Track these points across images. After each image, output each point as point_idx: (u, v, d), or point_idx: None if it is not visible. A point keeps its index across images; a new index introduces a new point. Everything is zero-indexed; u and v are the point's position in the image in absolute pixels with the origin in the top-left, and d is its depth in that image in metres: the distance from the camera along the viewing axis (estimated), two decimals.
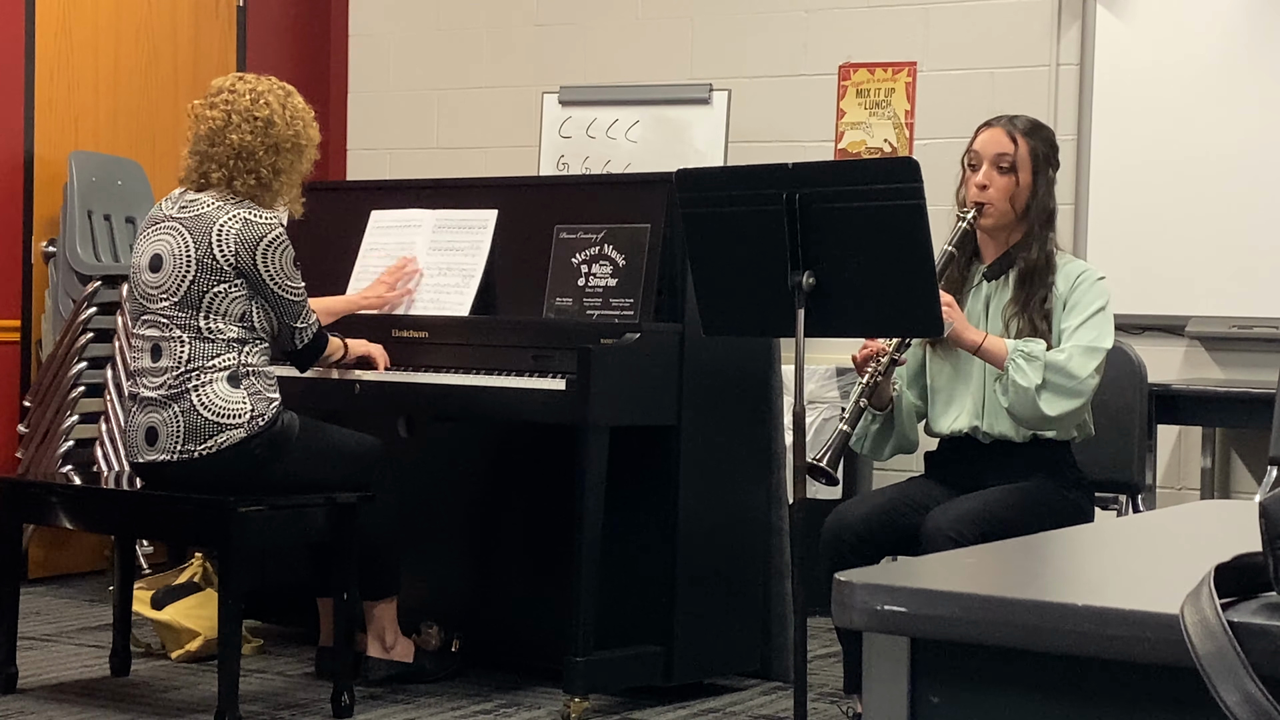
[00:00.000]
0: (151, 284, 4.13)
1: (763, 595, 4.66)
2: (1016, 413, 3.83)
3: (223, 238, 4.07)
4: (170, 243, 4.12)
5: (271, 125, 4.16)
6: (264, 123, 4.16)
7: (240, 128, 4.14)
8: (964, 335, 3.83)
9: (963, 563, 1.77)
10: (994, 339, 3.84)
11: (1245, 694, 1.28)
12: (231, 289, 4.08)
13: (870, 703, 1.54)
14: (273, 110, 4.17)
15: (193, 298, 4.07)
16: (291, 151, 4.20)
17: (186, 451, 4.05)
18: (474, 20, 7.01)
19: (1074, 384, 3.79)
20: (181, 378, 4.06)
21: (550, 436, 4.52)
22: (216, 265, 4.07)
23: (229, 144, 4.14)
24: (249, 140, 4.14)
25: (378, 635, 4.46)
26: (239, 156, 4.14)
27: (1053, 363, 3.78)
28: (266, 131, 4.16)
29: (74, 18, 6.20)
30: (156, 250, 4.14)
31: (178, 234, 4.12)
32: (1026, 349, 3.80)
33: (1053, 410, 3.80)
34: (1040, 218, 3.94)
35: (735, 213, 3.57)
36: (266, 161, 4.16)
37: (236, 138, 4.14)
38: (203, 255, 4.07)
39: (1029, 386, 3.78)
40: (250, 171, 4.14)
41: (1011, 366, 3.80)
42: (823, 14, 6.33)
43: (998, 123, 3.98)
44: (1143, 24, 5.82)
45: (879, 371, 3.83)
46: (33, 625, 5.14)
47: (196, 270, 4.07)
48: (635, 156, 6.22)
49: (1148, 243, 5.77)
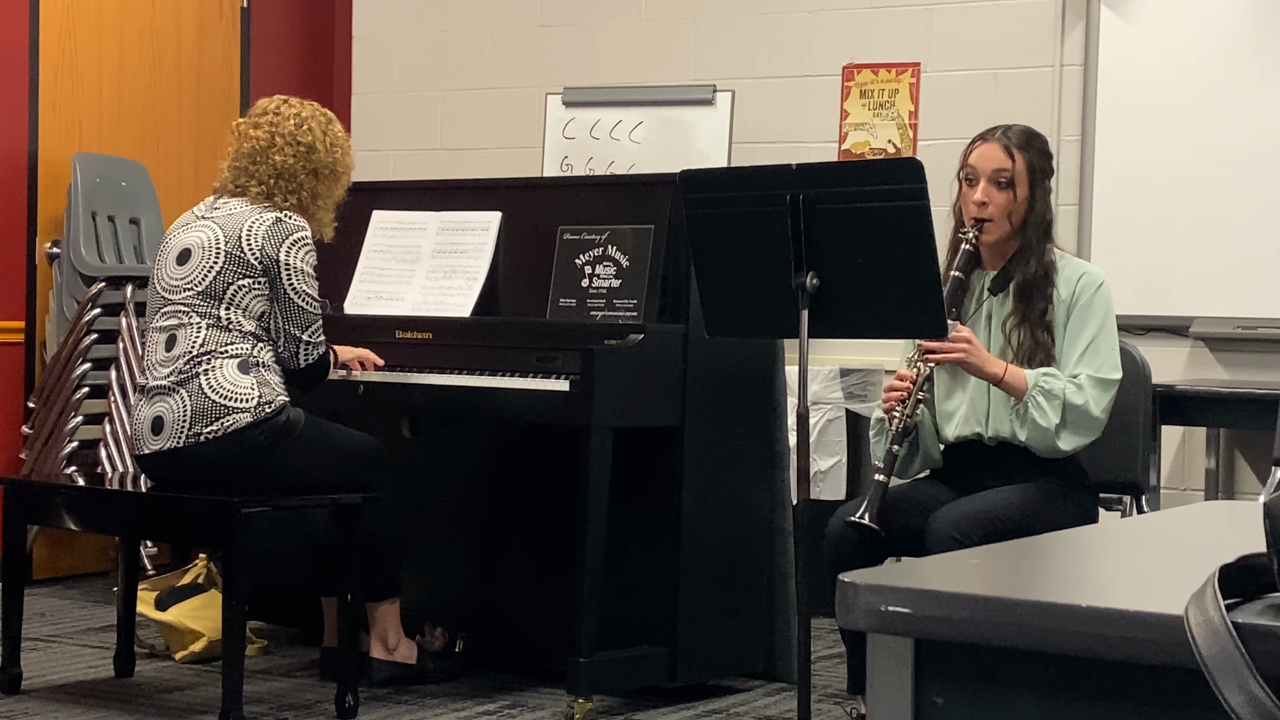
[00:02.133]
0: (176, 276, 4.20)
1: (766, 596, 4.66)
2: (1033, 446, 3.84)
3: (253, 232, 4.16)
4: (201, 236, 4.21)
5: (314, 151, 4.28)
6: (306, 148, 4.27)
7: (284, 150, 4.25)
8: (985, 369, 3.82)
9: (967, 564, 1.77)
10: (1014, 371, 3.82)
11: (1249, 695, 1.28)
12: (255, 285, 4.15)
13: (874, 704, 1.54)
14: (315, 136, 4.29)
15: (216, 289, 4.14)
16: (330, 178, 4.32)
17: (193, 435, 4.07)
18: (477, 21, 7.01)
19: (1090, 421, 3.82)
20: (192, 362, 4.10)
21: (554, 438, 4.52)
22: (244, 259, 4.14)
23: (272, 164, 4.25)
24: (291, 163, 4.25)
25: (380, 636, 4.46)
26: (280, 177, 4.25)
27: (1072, 404, 3.79)
28: (309, 156, 4.27)
29: (78, 19, 6.21)
30: (186, 244, 4.22)
31: (209, 229, 4.21)
32: (1047, 386, 3.79)
33: (1069, 446, 3.84)
34: (1038, 231, 3.93)
35: (739, 214, 3.57)
36: (308, 185, 4.27)
37: (280, 159, 4.25)
38: (231, 248, 4.15)
39: (1048, 427, 3.79)
40: (292, 193, 4.25)
41: (1031, 404, 3.80)
42: (826, 15, 6.33)
43: (993, 137, 3.94)
44: (1147, 25, 5.82)
45: (907, 414, 3.82)
46: (37, 626, 5.15)
47: (224, 262, 4.14)
48: (639, 157, 6.22)
49: (1152, 243, 5.77)
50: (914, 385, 3.82)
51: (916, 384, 3.83)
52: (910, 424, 3.84)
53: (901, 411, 3.82)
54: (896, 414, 3.82)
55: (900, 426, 3.81)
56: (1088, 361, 3.84)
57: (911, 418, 3.84)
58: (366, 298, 4.82)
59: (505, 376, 4.34)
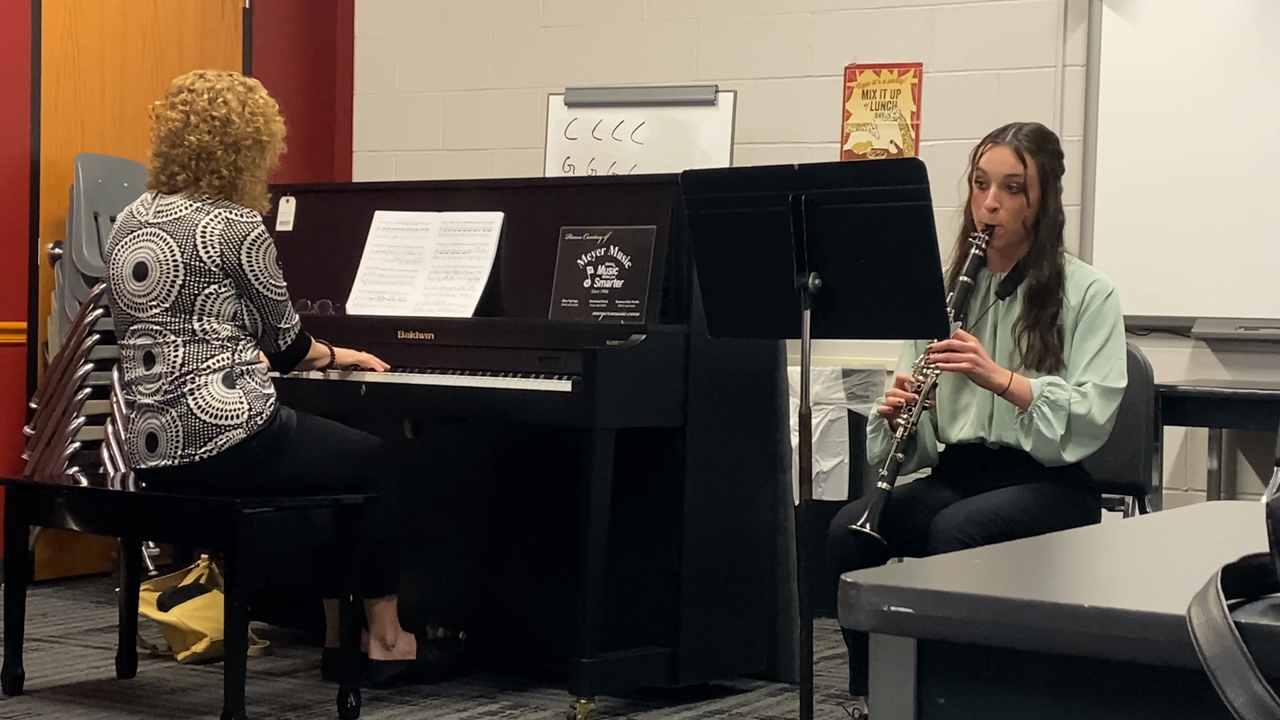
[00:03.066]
0: (138, 293, 4.11)
1: (769, 597, 4.66)
2: (1038, 456, 3.84)
3: (207, 239, 4.06)
4: (154, 249, 4.10)
5: (229, 124, 4.14)
6: (221, 121, 4.13)
7: (198, 128, 4.13)
8: (991, 378, 3.81)
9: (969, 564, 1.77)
10: (1019, 381, 3.81)
11: (1252, 695, 1.28)
12: (222, 289, 4.08)
13: (876, 704, 1.53)
14: (230, 109, 4.15)
15: (184, 302, 4.07)
16: (253, 149, 4.17)
17: (187, 456, 4.05)
18: (480, 22, 7.01)
19: (1095, 430, 3.82)
20: (176, 382, 4.06)
21: (556, 438, 4.52)
22: (204, 267, 4.06)
23: (188, 145, 4.12)
24: (207, 140, 4.12)
25: (379, 635, 4.45)
26: (199, 157, 4.12)
27: (1077, 414, 3.79)
28: (225, 130, 4.13)
29: (80, 20, 6.21)
30: (139, 259, 4.12)
31: (160, 239, 4.11)
32: (1052, 396, 3.79)
33: (1073, 456, 3.84)
34: (1050, 234, 3.91)
35: (741, 214, 3.56)
36: (226, 160, 4.13)
37: (195, 139, 4.12)
38: (189, 259, 4.06)
39: (1053, 438, 3.79)
40: (213, 171, 4.12)
41: (1036, 414, 3.79)
42: (828, 15, 6.33)
43: (1004, 139, 3.89)
44: (1149, 25, 5.82)
45: (912, 421, 3.82)
46: (39, 627, 5.15)
47: (185, 274, 4.06)
48: (641, 158, 6.22)
49: (1154, 244, 5.76)
50: (920, 394, 3.81)
51: (923, 392, 3.82)
52: (914, 430, 3.84)
53: (906, 419, 3.81)
54: (901, 421, 3.81)
55: (905, 434, 3.81)
56: (1095, 370, 3.83)
57: (915, 426, 3.84)
58: (369, 298, 4.82)
59: (507, 377, 4.34)
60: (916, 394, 3.81)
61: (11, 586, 4.35)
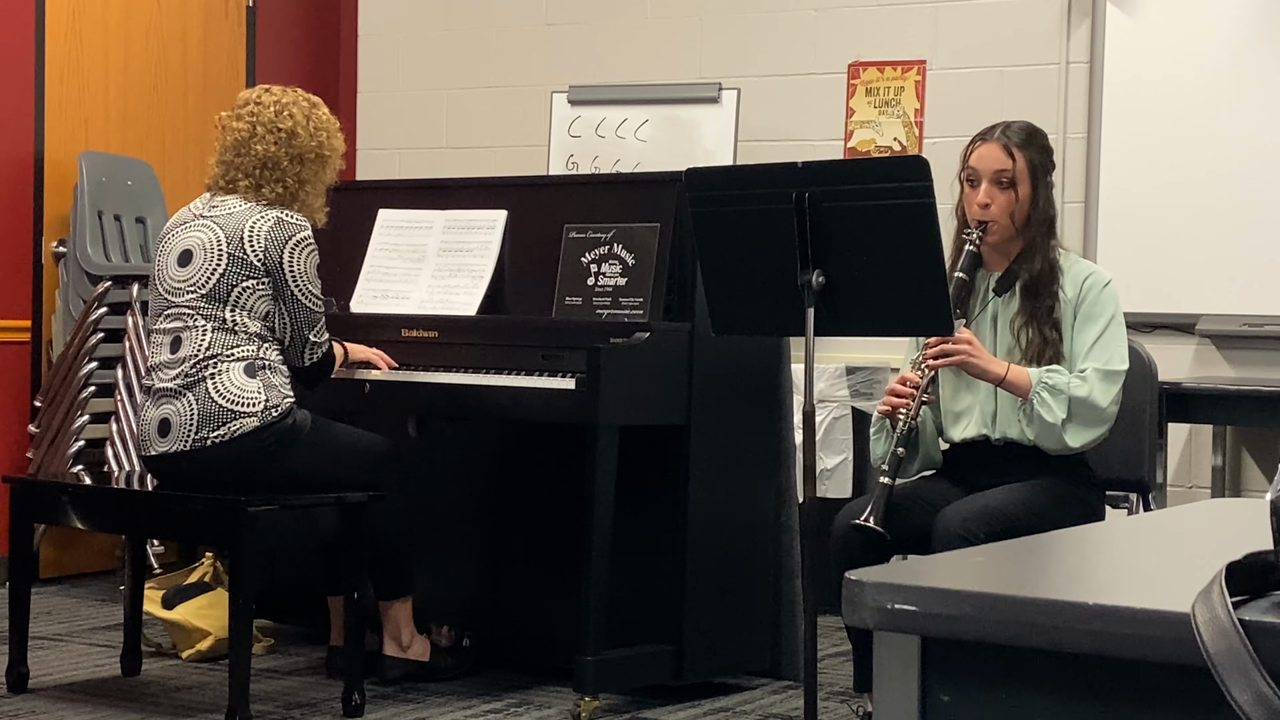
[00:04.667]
0: (178, 278, 4.19)
1: (773, 594, 4.66)
2: (1042, 444, 3.84)
3: (254, 234, 4.15)
4: (201, 237, 4.19)
5: (295, 137, 4.27)
6: (288, 134, 4.26)
7: (265, 139, 4.25)
8: (988, 370, 3.82)
9: (973, 561, 1.77)
10: (1016, 370, 3.82)
11: (1257, 693, 1.28)
12: (259, 286, 4.14)
13: (881, 702, 1.54)
14: (296, 122, 4.28)
15: (220, 291, 4.13)
16: (315, 162, 4.30)
17: (199, 439, 4.07)
18: (483, 20, 7.01)
19: (1098, 414, 3.81)
20: (198, 365, 4.10)
21: (560, 436, 4.52)
22: (246, 260, 4.14)
23: (254, 154, 4.25)
24: (273, 151, 4.24)
25: (394, 635, 4.46)
26: (264, 166, 4.24)
27: (1077, 397, 3.79)
28: (290, 143, 4.26)
29: (84, 19, 6.21)
30: (187, 245, 4.21)
31: (209, 229, 4.20)
32: (1050, 381, 3.79)
33: (1077, 442, 3.83)
34: (1041, 228, 3.92)
35: (745, 212, 3.56)
36: (291, 171, 4.26)
37: (261, 149, 4.24)
38: (234, 249, 4.14)
39: (1055, 422, 3.79)
40: (277, 181, 4.24)
41: (1036, 400, 3.79)
42: (832, 12, 6.33)
43: (992, 136, 3.93)
44: (1153, 22, 5.81)
45: (912, 415, 3.83)
46: (44, 625, 5.15)
47: (227, 264, 4.14)
48: (644, 156, 6.21)
49: (1158, 240, 5.76)
50: (919, 389, 3.82)
51: (922, 388, 3.83)
52: (914, 425, 3.85)
53: (907, 414, 3.82)
54: (901, 416, 3.82)
55: (905, 429, 3.82)
56: (1095, 356, 3.84)
57: (915, 419, 3.84)
58: (373, 296, 4.82)
59: (511, 375, 4.34)
60: (915, 390, 3.82)
61: (16, 584, 4.35)
